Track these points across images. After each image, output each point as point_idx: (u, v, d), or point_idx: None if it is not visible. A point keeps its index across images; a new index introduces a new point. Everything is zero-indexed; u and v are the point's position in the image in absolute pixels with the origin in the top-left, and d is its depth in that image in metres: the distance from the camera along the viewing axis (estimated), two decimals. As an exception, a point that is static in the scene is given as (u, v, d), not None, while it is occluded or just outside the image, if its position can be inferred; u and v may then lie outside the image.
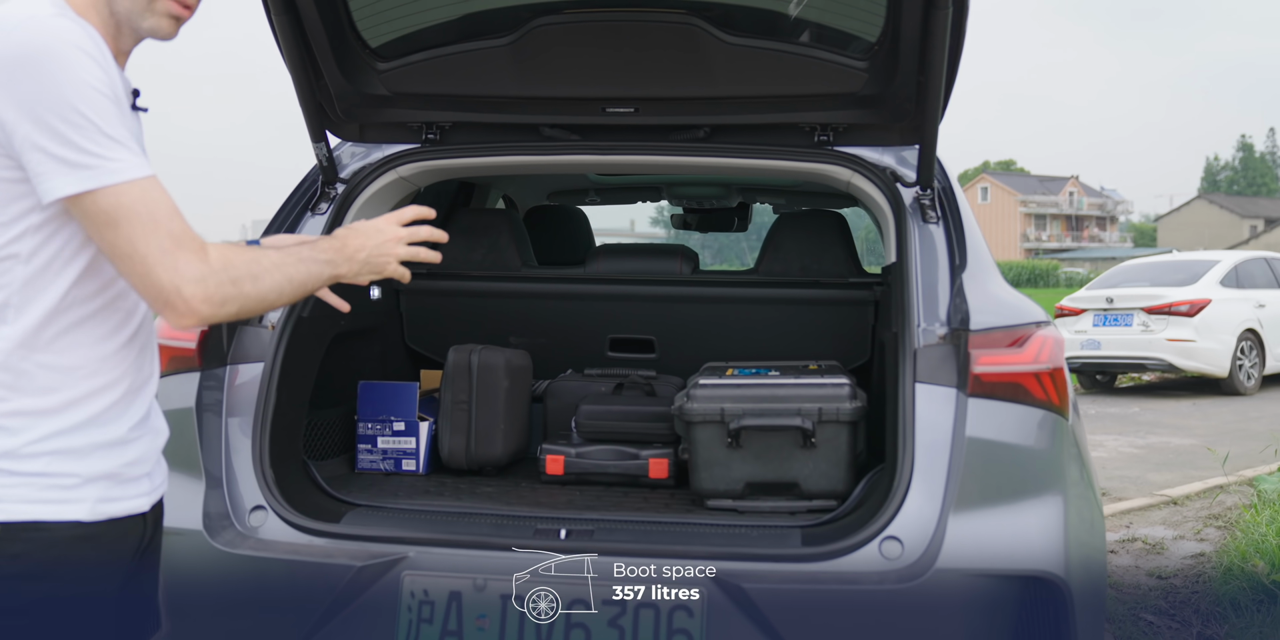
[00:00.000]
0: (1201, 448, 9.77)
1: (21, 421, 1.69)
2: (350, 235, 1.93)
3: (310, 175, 3.48)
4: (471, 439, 3.54)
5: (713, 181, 5.60)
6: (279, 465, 2.93)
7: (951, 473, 2.71)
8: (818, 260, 3.87)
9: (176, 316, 1.66)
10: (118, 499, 1.77)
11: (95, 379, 1.75)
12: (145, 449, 1.84)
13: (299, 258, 1.79)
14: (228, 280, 1.66)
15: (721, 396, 3.12)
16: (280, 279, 1.74)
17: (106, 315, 1.76)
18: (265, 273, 1.72)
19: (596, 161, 3.52)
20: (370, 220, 1.99)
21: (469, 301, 4.01)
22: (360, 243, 1.92)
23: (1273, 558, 5.39)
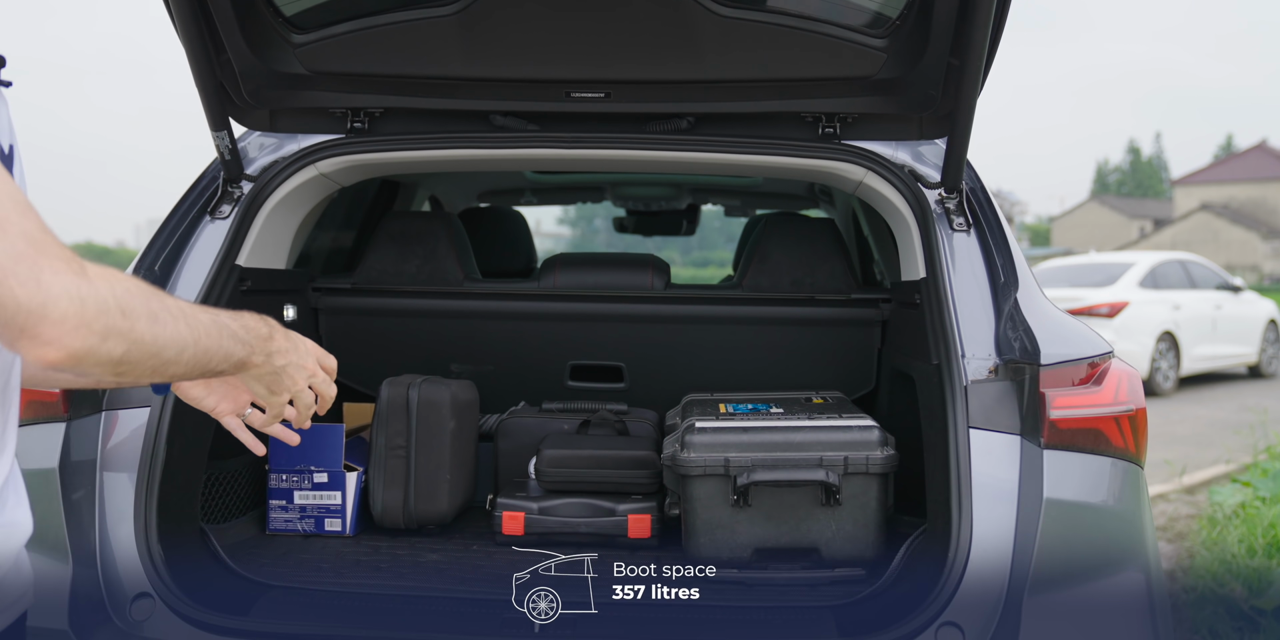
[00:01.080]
0: (1132, 455, 9.51)
1: None
2: (279, 331, 1.57)
3: (209, 171, 2.86)
4: (410, 492, 2.92)
5: (663, 181, 5.06)
6: (170, 538, 2.33)
7: (1020, 542, 2.20)
8: (811, 272, 3.33)
9: (37, 347, 1.13)
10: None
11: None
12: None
13: (213, 320, 1.36)
14: (116, 308, 1.17)
15: (724, 444, 2.56)
16: (185, 333, 1.28)
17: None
18: (169, 317, 1.25)
19: (555, 156, 2.94)
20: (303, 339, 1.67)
21: (401, 322, 3.39)
22: (286, 345, 1.56)
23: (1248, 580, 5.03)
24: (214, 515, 2.75)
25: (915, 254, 2.78)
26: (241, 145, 2.89)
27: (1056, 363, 2.28)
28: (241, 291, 2.76)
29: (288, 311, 3.11)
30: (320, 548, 2.80)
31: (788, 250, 3.35)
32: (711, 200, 5.57)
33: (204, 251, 2.69)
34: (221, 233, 2.73)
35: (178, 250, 2.68)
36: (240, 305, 2.84)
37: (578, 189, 5.32)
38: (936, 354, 2.48)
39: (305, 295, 3.26)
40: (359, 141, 2.87)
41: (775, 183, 5.02)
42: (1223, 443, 9.26)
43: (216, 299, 2.63)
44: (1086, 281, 14.48)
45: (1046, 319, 2.43)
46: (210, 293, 2.61)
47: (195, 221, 2.74)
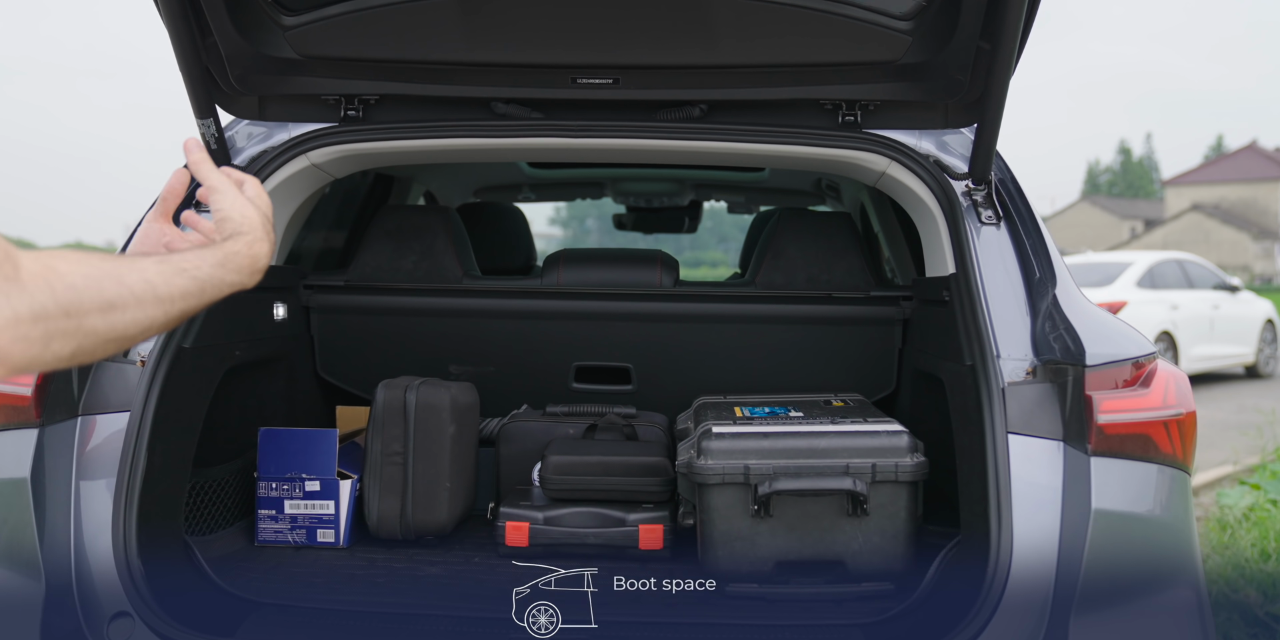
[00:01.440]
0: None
1: None
2: (233, 240, 1.43)
3: (194, 161, 2.69)
4: (408, 501, 2.76)
5: (665, 176, 4.89)
6: (151, 552, 2.17)
7: (1066, 555, 2.05)
8: (828, 269, 3.17)
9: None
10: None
11: None
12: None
13: (180, 268, 1.28)
14: (56, 310, 1.10)
15: (744, 450, 2.40)
16: (151, 311, 1.22)
17: None
18: (129, 299, 1.19)
19: (563, 146, 2.78)
20: None
21: (397, 321, 3.22)
22: (243, 242, 1.43)
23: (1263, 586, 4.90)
24: (199, 526, 2.59)
25: (943, 249, 2.63)
26: (229, 134, 2.73)
27: (1102, 364, 2.13)
28: None
29: (278, 310, 2.95)
30: (312, 560, 2.64)
31: (803, 246, 3.20)
32: (715, 196, 5.41)
33: None
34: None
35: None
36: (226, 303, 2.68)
37: (577, 184, 5.16)
38: (970, 354, 2.32)
39: (296, 293, 3.10)
40: (353, 130, 2.71)
41: (781, 178, 4.87)
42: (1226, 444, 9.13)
43: None
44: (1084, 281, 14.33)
45: (1087, 317, 2.28)
46: None
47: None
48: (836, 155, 2.73)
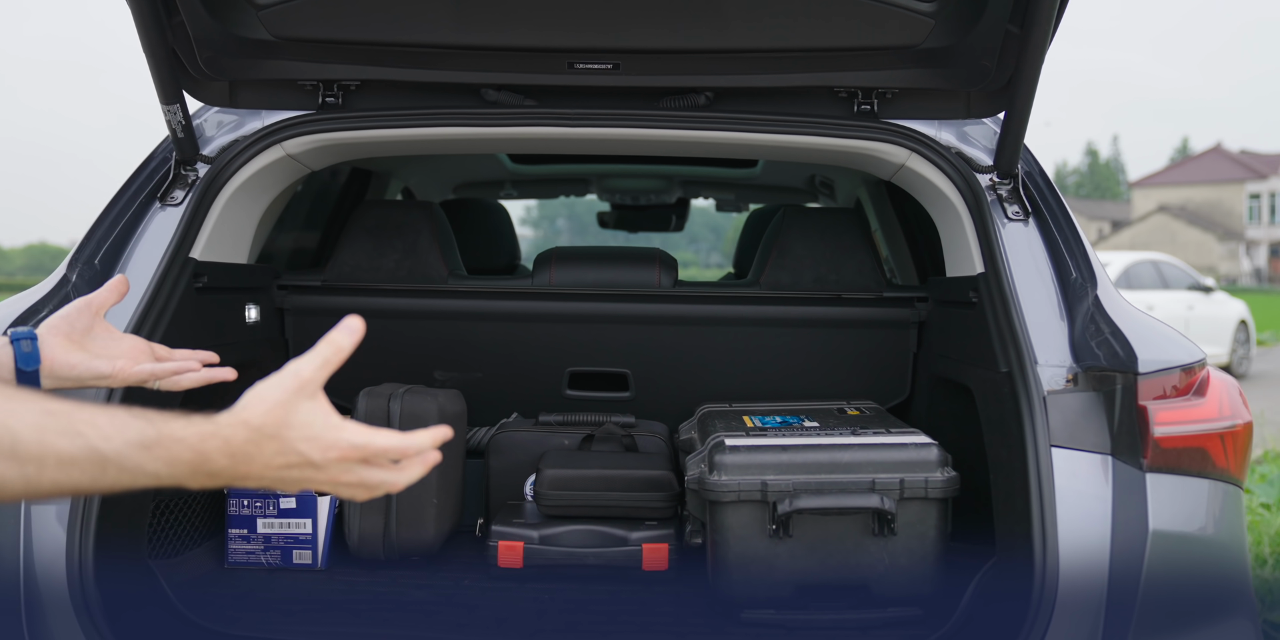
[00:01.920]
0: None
1: None
2: (263, 438, 1.08)
3: (159, 151, 2.49)
4: (392, 519, 2.55)
5: (653, 173, 4.70)
6: (111, 581, 1.96)
7: (1118, 581, 1.88)
8: (836, 269, 2.99)
9: None
10: None
11: None
12: None
13: (73, 428, 1.01)
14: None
15: (761, 465, 2.21)
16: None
17: None
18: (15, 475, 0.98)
19: (559, 136, 2.58)
20: (317, 417, 1.11)
21: (378, 324, 3.01)
22: (233, 458, 1.07)
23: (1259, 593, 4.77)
24: (163, 549, 2.38)
25: (969, 247, 2.45)
26: (197, 123, 2.52)
27: (1155, 371, 1.96)
28: (196, 289, 2.39)
29: (250, 312, 2.74)
30: (288, 584, 2.43)
31: (810, 244, 3.01)
32: (704, 194, 5.22)
33: (153, 243, 2.32)
34: (173, 222, 2.36)
35: (122, 241, 2.30)
36: (193, 305, 2.48)
37: (561, 181, 4.95)
38: (1005, 360, 2.15)
39: (269, 294, 2.89)
40: (332, 118, 2.50)
41: (773, 174, 4.69)
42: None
43: (167, 297, 2.25)
44: (1059, 282, 14.31)
45: (1131, 320, 2.11)
46: (160, 291, 2.24)
47: (143, 208, 2.37)
48: (852, 146, 2.55)
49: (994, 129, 2.55)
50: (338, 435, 1.09)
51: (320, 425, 1.09)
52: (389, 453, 1.11)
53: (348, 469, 1.10)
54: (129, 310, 2.19)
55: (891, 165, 2.59)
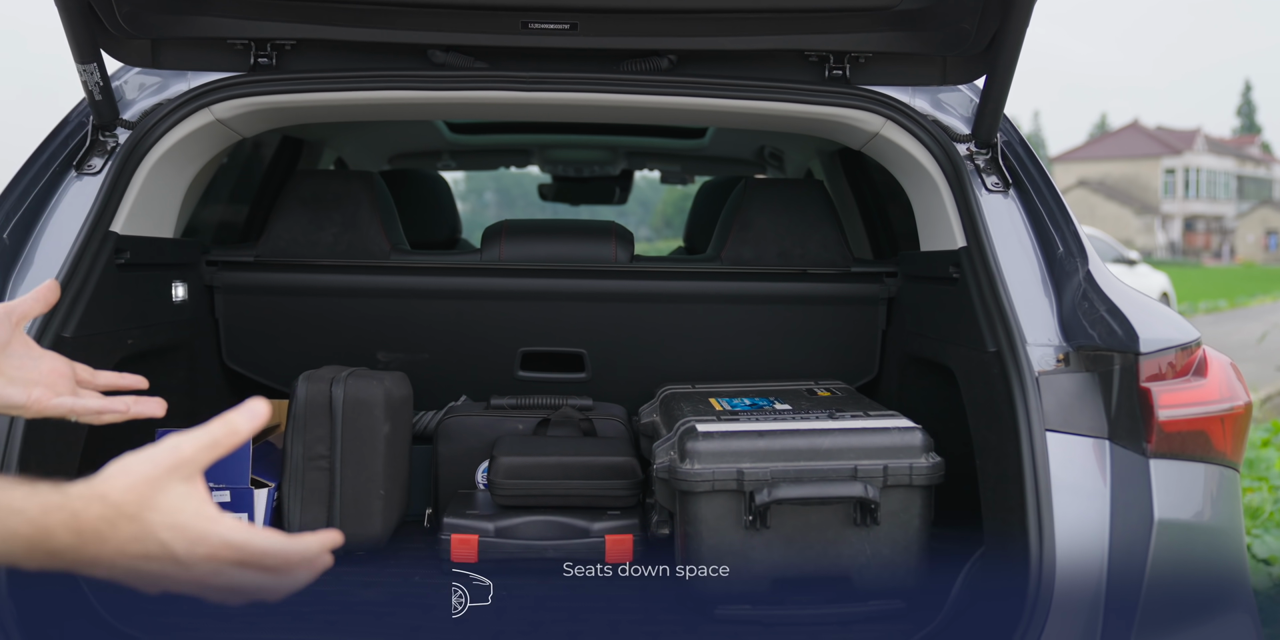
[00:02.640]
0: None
1: None
2: (120, 518, 0.91)
3: (74, 115, 2.28)
4: (335, 512, 2.38)
5: (597, 144, 4.53)
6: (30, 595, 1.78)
7: (1119, 573, 1.77)
8: (801, 243, 2.86)
9: None
10: None
11: None
12: None
13: None
14: None
15: (736, 452, 2.07)
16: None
17: None
18: None
19: (512, 101, 2.41)
20: (189, 503, 0.94)
21: (316, 302, 2.83)
22: (126, 545, 0.91)
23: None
24: None
25: (947, 220, 2.33)
26: (116, 84, 2.31)
27: (1157, 351, 1.85)
28: (118, 265, 2.19)
29: (177, 291, 2.54)
30: (224, 585, 2.25)
31: (773, 217, 2.87)
32: (649, 165, 5.06)
33: (68, 215, 2.12)
34: (91, 192, 2.16)
35: (34, 213, 2.10)
36: (114, 283, 2.28)
37: (502, 151, 4.76)
38: (993, 339, 2.03)
39: (198, 270, 2.69)
40: (265, 80, 2.31)
41: (721, 145, 4.54)
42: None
43: (85, 275, 2.06)
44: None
45: (1125, 297, 2.00)
46: (77, 268, 2.04)
47: (57, 178, 2.17)
48: (824, 114, 2.41)
49: (970, 96, 2.43)
50: (209, 528, 0.91)
51: (190, 513, 0.91)
52: (269, 557, 0.93)
53: (217, 571, 0.92)
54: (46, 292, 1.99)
55: (865, 134, 2.45)
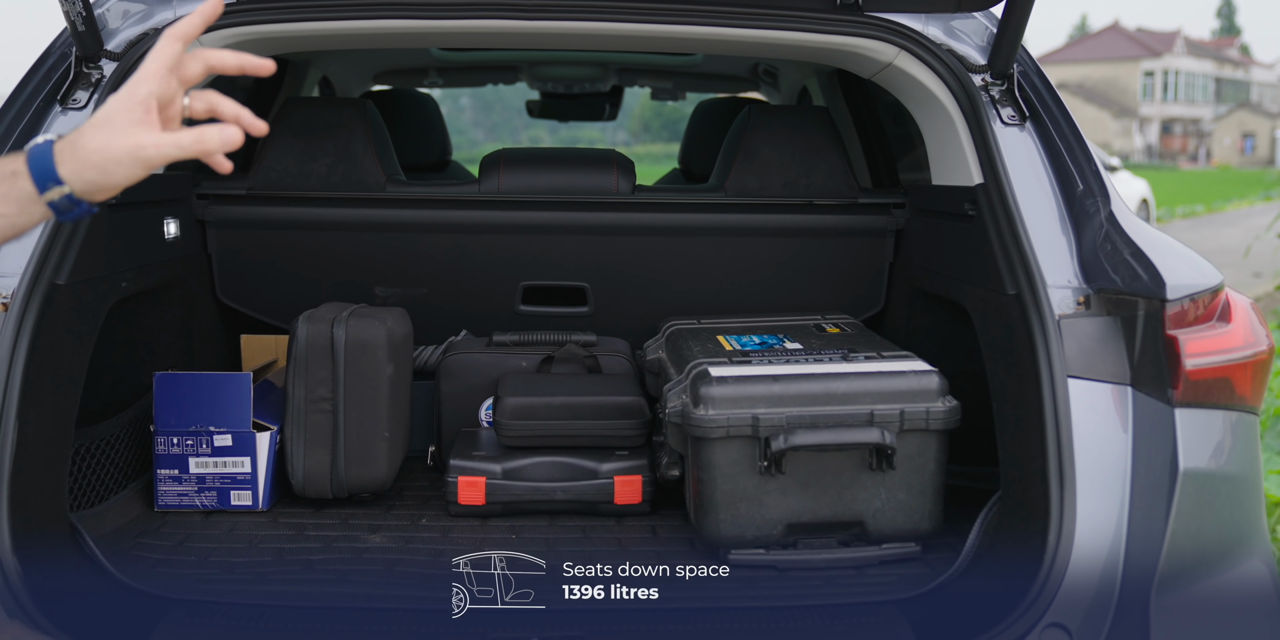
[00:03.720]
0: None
1: None
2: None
3: (56, 46, 2.17)
4: (339, 455, 2.34)
5: (587, 60, 4.40)
6: (30, 544, 1.74)
7: (1140, 522, 1.77)
8: (807, 173, 2.79)
9: None
10: None
11: None
12: None
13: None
14: None
15: (751, 397, 2.04)
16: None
17: None
18: None
19: (512, 30, 2.31)
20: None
21: (310, 236, 2.75)
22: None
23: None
24: (86, 497, 2.14)
25: (963, 154, 2.27)
26: (99, 12, 2.19)
27: (1184, 296, 1.81)
28: (108, 205, 2.10)
29: (168, 227, 2.46)
30: (228, 530, 2.22)
31: (778, 146, 2.80)
32: (639, 82, 4.93)
33: None
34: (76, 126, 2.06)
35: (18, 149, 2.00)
36: (104, 222, 2.20)
37: (490, 68, 4.62)
38: (1013, 282, 1.99)
39: (189, 205, 2.60)
40: (254, 8, 2.20)
41: (714, 62, 4.41)
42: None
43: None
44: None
45: (1148, 239, 1.95)
46: None
47: (42, 112, 2.07)
48: (835, 43, 2.32)
49: (985, 24, 2.34)
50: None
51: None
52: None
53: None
54: (32, 233, 1.91)
55: (877, 63, 2.37)
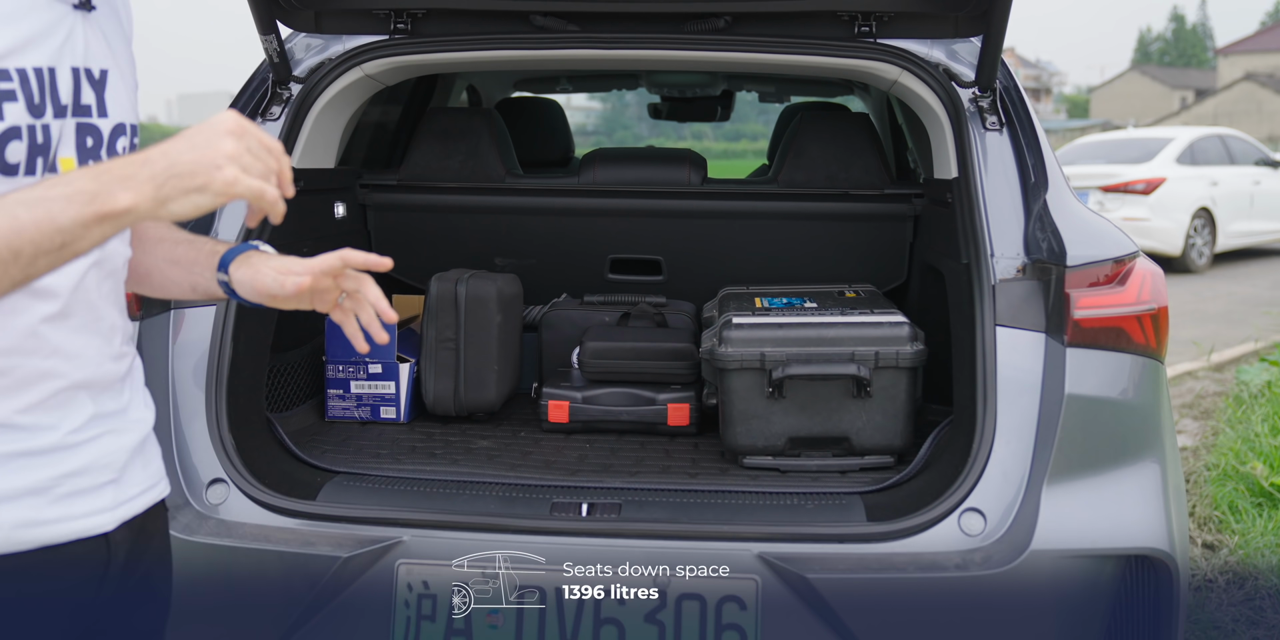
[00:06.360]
0: (1160, 331, 9.56)
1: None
2: (169, 144, 1.21)
3: (258, 73, 2.92)
4: (460, 382, 3.07)
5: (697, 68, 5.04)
6: (240, 428, 2.47)
7: (1042, 435, 2.32)
8: (845, 168, 3.39)
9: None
10: (52, 521, 1.35)
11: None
12: (101, 453, 1.41)
13: (20, 200, 1.16)
14: None
15: (760, 338, 2.67)
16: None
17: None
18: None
19: (596, 57, 2.98)
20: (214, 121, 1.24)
21: (446, 217, 3.49)
22: (177, 149, 1.19)
23: (1270, 458, 5.14)
24: (276, 404, 2.91)
25: (948, 153, 2.84)
26: (288, 46, 2.93)
27: (1081, 264, 2.36)
28: (297, 190, 2.85)
29: (338, 208, 3.22)
30: (377, 435, 2.97)
31: (823, 145, 3.41)
32: (746, 87, 5.57)
33: None
34: (273, 134, 2.81)
35: None
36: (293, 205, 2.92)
37: (613, 76, 5.33)
38: (966, 253, 2.56)
39: (353, 192, 3.36)
40: (403, 43, 2.90)
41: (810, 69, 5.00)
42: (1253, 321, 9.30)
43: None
44: (1123, 158, 14.32)
45: (1075, 219, 2.50)
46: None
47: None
48: (851, 65, 2.91)
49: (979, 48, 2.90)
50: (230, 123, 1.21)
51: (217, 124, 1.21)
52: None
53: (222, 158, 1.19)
54: (240, 213, 2.66)
55: (886, 80, 2.96)
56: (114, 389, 1.45)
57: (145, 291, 1.67)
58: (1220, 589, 3.93)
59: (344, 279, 1.49)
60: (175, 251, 1.61)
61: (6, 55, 1.27)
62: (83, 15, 1.37)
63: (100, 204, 1.15)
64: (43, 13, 1.32)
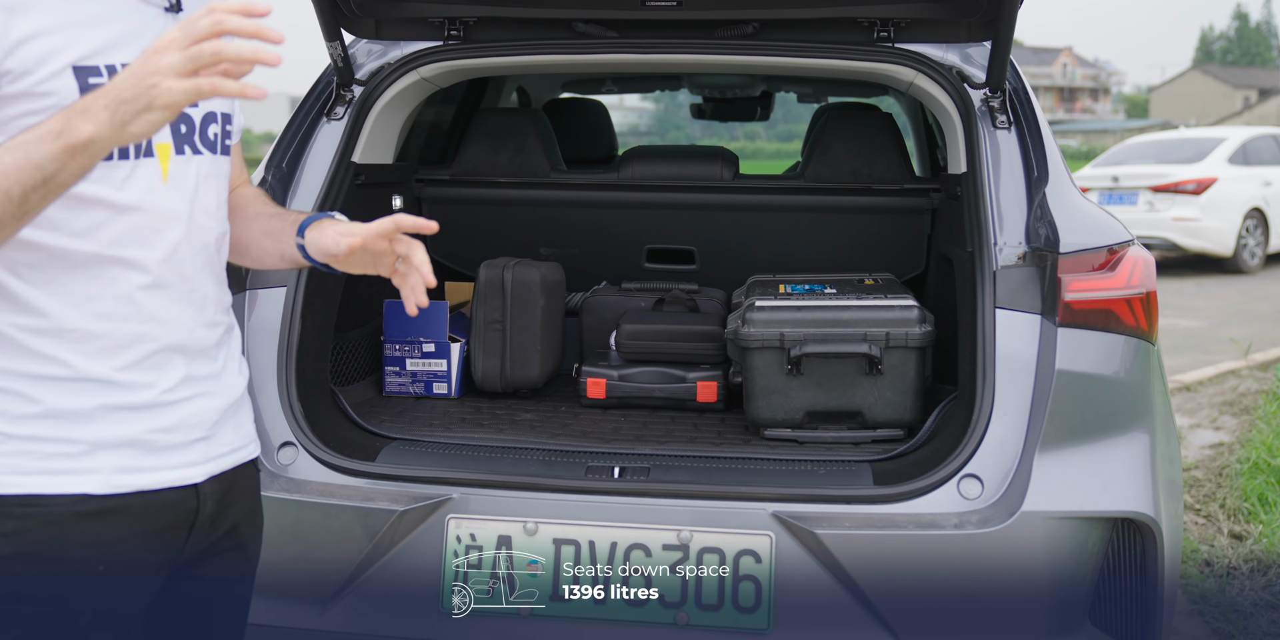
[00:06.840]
0: (1209, 330, 9.68)
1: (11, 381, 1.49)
2: (118, 76, 1.32)
3: (324, 76, 3.19)
4: (506, 361, 3.33)
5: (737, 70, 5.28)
6: (307, 397, 2.73)
7: (1036, 407, 2.52)
8: (869, 164, 3.61)
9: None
10: (147, 470, 1.56)
11: None
12: (193, 412, 1.61)
13: (3, 148, 1.33)
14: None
15: (780, 320, 2.90)
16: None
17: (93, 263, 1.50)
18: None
19: (633, 61, 3.23)
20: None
21: (495, 210, 3.76)
22: (121, 78, 1.29)
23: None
24: (339, 378, 3.18)
25: (960, 150, 3.05)
26: (351, 51, 3.20)
27: (1074, 251, 2.57)
28: (356, 185, 3.12)
29: (395, 201, 3.48)
30: (430, 408, 3.23)
31: (848, 143, 3.63)
32: (785, 88, 5.79)
33: (322, 150, 3.02)
34: (337, 133, 3.06)
35: (300, 150, 3.03)
36: (355, 198, 3.21)
37: (656, 78, 5.58)
38: (971, 242, 2.77)
39: (410, 186, 3.63)
40: (457, 48, 3.15)
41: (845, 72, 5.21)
42: (1304, 321, 9.37)
43: (337, 193, 2.97)
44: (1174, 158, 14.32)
45: (1073, 210, 2.70)
46: (330, 187, 2.96)
47: (314, 123, 3.08)
48: (870, 68, 3.13)
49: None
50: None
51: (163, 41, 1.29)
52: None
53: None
54: (308, 204, 2.92)
55: (903, 82, 3.17)
56: (208, 354, 1.65)
57: (246, 263, 1.88)
58: (1244, 576, 4.09)
59: (398, 243, 1.67)
60: (269, 224, 1.83)
61: (99, 52, 1.46)
62: (172, 16, 1.60)
63: (66, 138, 1.28)
64: (134, 16, 1.53)
